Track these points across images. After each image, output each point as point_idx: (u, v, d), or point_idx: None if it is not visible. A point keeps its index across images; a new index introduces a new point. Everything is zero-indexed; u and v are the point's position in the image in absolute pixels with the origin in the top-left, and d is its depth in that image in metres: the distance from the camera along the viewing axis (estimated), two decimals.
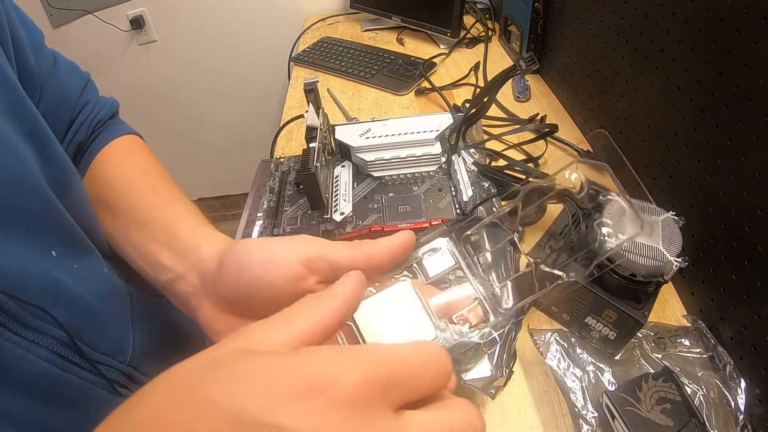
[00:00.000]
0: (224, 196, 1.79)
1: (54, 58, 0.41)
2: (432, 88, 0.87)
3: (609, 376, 0.44)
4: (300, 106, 0.90)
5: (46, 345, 0.28)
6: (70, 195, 0.35)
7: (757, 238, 0.40)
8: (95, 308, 0.33)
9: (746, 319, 0.42)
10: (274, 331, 0.19)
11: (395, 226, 0.42)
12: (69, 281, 0.31)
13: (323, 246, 0.28)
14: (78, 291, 0.32)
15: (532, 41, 0.87)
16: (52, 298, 0.29)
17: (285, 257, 0.27)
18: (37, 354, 0.28)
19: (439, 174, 0.57)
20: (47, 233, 0.31)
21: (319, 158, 0.49)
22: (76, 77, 0.43)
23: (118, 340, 0.35)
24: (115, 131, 0.45)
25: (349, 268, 0.26)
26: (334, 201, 0.54)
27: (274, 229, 0.51)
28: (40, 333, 0.28)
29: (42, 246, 0.30)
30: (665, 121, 0.52)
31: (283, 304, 0.23)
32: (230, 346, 0.19)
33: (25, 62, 0.36)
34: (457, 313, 0.28)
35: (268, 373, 0.16)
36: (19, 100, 0.31)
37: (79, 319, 0.31)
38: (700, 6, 0.44)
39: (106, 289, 0.36)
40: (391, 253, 0.27)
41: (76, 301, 0.31)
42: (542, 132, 0.71)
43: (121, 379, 0.34)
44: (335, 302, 0.22)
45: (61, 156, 0.35)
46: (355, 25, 1.21)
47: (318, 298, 0.22)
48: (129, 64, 1.37)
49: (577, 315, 0.46)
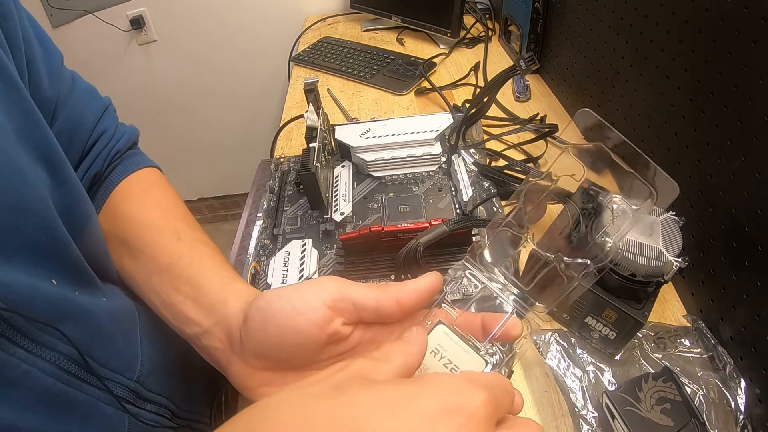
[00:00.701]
0: (224, 196, 1.79)
1: (72, 80, 0.40)
2: (432, 88, 0.87)
3: (609, 376, 0.44)
4: (300, 106, 0.90)
5: (52, 360, 0.28)
6: (81, 224, 0.34)
7: (757, 238, 0.40)
8: (105, 324, 0.33)
9: (746, 319, 0.42)
10: (380, 363, 0.22)
11: (395, 226, 0.42)
12: (78, 298, 0.31)
13: (347, 287, 0.28)
14: (88, 307, 0.31)
15: (532, 41, 0.87)
16: (61, 315, 0.28)
17: (310, 302, 0.27)
18: (43, 369, 0.27)
19: (439, 174, 0.57)
20: (49, 262, 0.30)
21: (319, 158, 0.49)
22: (95, 103, 0.42)
23: (127, 357, 0.35)
24: (133, 164, 0.43)
25: (375, 311, 0.27)
26: (334, 201, 0.54)
27: (274, 229, 0.51)
28: (49, 348, 0.28)
29: (43, 275, 0.29)
30: (665, 121, 0.52)
31: (312, 349, 0.26)
32: (342, 375, 0.21)
33: (40, 83, 0.35)
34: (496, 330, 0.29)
35: (401, 398, 0.19)
36: (34, 122, 0.31)
37: (89, 335, 0.31)
38: (700, 6, 0.44)
39: (115, 307, 0.36)
40: (417, 297, 0.28)
41: (86, 317, 0.31)
42: (542, 132, 0.71)
43: (128, 396, 0.34)
44: (417, 345, 0.24)
45: (75, 183, 0.34)
46: (355, 25, 1.21)
47: (404, 341, 0.24)
48: (129, 64, 1.37)
49: (577, 315, 0.46)
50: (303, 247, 0.48)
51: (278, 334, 0.28)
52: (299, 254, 0.47)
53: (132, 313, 0.38)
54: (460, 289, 0.43)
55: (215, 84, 1.47)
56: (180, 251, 0.36)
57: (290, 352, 0.28)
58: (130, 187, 0.41)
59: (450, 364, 0.26)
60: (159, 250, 0.37)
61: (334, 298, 0.27)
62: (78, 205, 0.34)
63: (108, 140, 0.41)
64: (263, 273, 0.46)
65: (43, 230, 0.29)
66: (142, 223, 0.38)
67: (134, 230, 0.38)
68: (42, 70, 0.35)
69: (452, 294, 0.43)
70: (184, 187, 1.71)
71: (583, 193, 0.53)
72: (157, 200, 0.41)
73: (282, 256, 0.47)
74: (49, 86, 0.36)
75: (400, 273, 0.40)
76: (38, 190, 0.29)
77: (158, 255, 0.36)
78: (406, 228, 0.41)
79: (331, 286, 0.28)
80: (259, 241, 0.51)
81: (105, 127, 0.42)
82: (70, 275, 0.32)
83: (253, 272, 0.47)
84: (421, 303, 0.28)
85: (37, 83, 0.35)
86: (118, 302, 0.36)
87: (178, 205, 0.42)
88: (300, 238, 0.49)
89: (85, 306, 0.31)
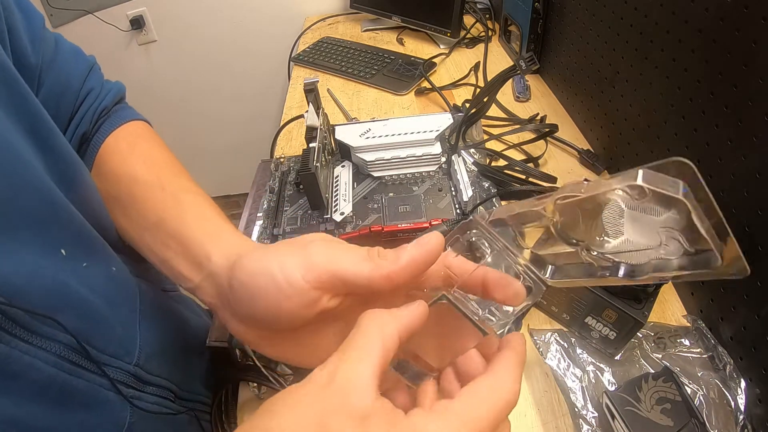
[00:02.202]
0: (224, 196, 1.79)
1: (55, 43, 0.39)
2: (432, 88, 0.87)
3: (609, 376, 0.44)
4: (300, 106, 0.90)
5: (53, 350, 0.28)
6: (77, 189, 0.34)
7: (757, 238, 0.40)
8: (103, 311, 0.33)
9: (746, 319, 0.42)
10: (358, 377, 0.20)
11: (395, 226, 0.42)
12: (77, 284, 0.31)
13: (336, 263, 0.26)
14: (86, 294, 0.31)
15: (532, 41, 0.87)
16: (59, 304, 0.29)
17: (295, 283, 0.26)
18: (45, 360, 0.27)
19: (439, 174, 0.57)
20: (56, 232, 0.30)
21: (319, 158, 0.49)
22: (80, 63, 0.41)
23: (125, 342, 0.35)
24: (119, 118, 0.42)
25: (367, 287, 0.25)
26: (334, 201, 0.54)
27: (274, 229, 0.51)
28: (47, 338, 0.28)
29: (51, 245, 0.30)
30: (665, 121, 0.52)
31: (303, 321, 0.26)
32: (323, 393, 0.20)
33: (23, 50, 0.34)
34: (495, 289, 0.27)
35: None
36: (19, 94, 0.30)
37: (87, 323, 0.31)
38: (700, 6, 0.44)
39: (115, 290, 0.36)
40: (412, 272, 0.25)
41: (84, 304, 0.31)
42: (542, 132, 0.71)
43: (127, 380, 0.34)
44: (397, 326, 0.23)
45: (64, 148, 0.34)
46: (355, 25, 1.21)
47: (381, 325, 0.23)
48: (129, 64, 1.37)
49: (577, 315, 0.46)
50: None
51: (265, 309, 0.27)
52: None
53: (133, 296, 0.38)
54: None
55: (215, 84, 1.47)
56: (164, 204, 0.36)
57: (280, 324, 0.27)
58: (117, 143, 0.41)
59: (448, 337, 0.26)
60: (147, 205, 0.36)
61: (321, 279, 0.26)
62: (71, 171, 0.34)
63: (94, 98, 0.41)
64: None
65: (43, 201, 0.29)
66: (130, 178, 0.38)
67: (123, 186, 0.38)
68: (24, 38, 0.34)
69: None
70: None
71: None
72: (142, 152, 0.40)
73: None
74: (33, 53, 0.35)
75: None
76: (31, 164, 0.29)
77: (147, 210, 0.36)
78: (406, 228, 0.41)
79: (317, 259, 0.26)
80: (259, 241, 0.51)
81: (91, 85, 0.41)
82: (78, 243, 0.32)
83: None
84: (416, 276, 0.25)
85: (20, 51, 0.34)
86: (118, 285, 0.36)
87: (164, 154, 0.41)
88: None
89: (82, 294, 0.31)
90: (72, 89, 0.39)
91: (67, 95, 0.39)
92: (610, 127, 0.66)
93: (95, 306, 0.32)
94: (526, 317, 0.49)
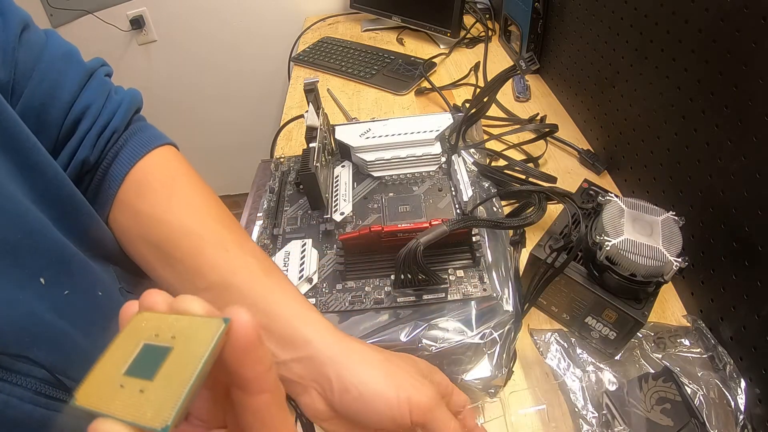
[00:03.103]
0: (224, 196, 1.79)
1: (44, 46, 0.34)
2: (432, 88, 0.87)
3: (609, 376, 0.44)
4: (300, 106, 0.90)
5: (28, 386, 0.27)
6: (61, 205, 0.32)
7: (757, 238, 0.40)
8: (80, 341, 0.31)
9: (746, 319, 0.42)
10: None
11: (395, 226, 0.42)
12: (53, 316, 0.29)
13: (433, 410, 0.29)
14: (62, 326, 0.29)
15: (532, 41, 0.87)
16: (32, 340, 0.27)
17: (403, 416, 0.29)
18: (20, 397, 0.26)
19: (439, 174, 0.57)
20: (34, 259, 0.28)
21: (319, 158, 0.49)
22: (72, 70, 0.35)
23: None
24: (140, 145, 0.37)
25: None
26: (334, 201, 0.54)
27: (274, 229, 0.51)
28: (22, 375, 0.26)
29: (29, 275, 0.28)
30: (665, 121, 0.52)
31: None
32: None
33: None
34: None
35: None
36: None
37: (63, 355, 0.29)
38: (700, 6, 0.44)
39: (97, 318, 0.33)
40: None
41: (59, 337, 0.29)
42: (542, 132, 0.71)
43: None
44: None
45: (45, 163, 0.31)
46: (355, 25, 1.21)
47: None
48: (129, 64, 1.37)
49: (577, 315, 0.46)
50: (303, 247, 0.48)
51: (365, 422, 0.30)
52: (299, 254, 0.47)
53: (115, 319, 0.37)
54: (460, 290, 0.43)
55: (215, 84, 1.47)
56: (231, 267, 0.33)
57: (369, 428, 0.30)
58: (146, 180, 0.36)
59: None
60: (204, 262, 0.33)
61: (416, 421, 0.29)
62: (53, 187, 0.31)
63: (95, 116, 0.35)
64: None
65: (16, 228, 0.27)
66: (177, 230, 0.34)
67: (167, 236, 0.34)
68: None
69: (453, 294, 0.43)
70: None
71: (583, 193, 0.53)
72: (186, 198, 0.36)
73: (282, 256, 0.47)
74: (1, 66, 0.30)
75: (400, 273, 0.40)
76: (5, 186, 0.27)
77: (205, 269, 0.33)
78: (406, 228, 0.41)
79: (420, 396, 0.29)
80: (259, 241, 0.51)
81: (90, 100, 0.35)
82: (59, 269, 0.30)
83: None
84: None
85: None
86: (105, 306, 0.34)
87: (210, 201, 0.37)
88: (300, 238, 0.49)
89: (59, 327, 0.29)
90: (60, 101, 0.33)
91: (52, 109, 0.33)
92: (610, 127, 0.66)
93: (71, 337, 0.30)
94: (526, 317, 0.49)
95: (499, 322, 0.41)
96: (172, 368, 0.16)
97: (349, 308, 0.43)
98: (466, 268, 0.45)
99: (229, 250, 0.34)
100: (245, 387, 0.16)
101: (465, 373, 0.40)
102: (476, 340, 0.40)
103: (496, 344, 0.40)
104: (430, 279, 0.41)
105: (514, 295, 0.43)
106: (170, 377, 0.15)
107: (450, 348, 0.39)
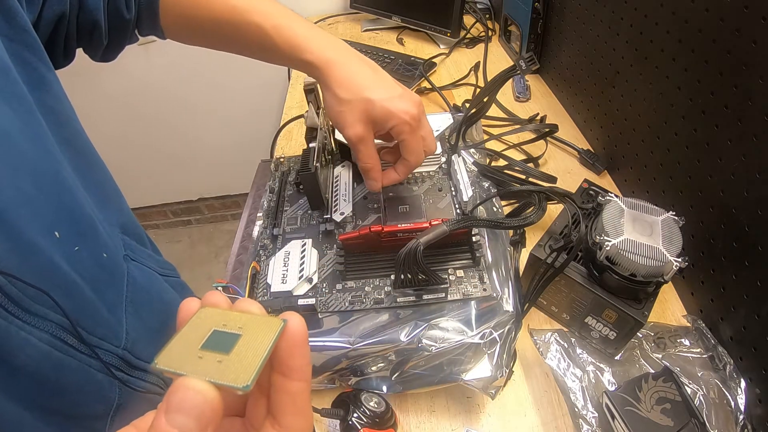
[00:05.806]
0: (224, 196, 1.78)
1: None
2: (432, 88, 0.87)
3: (609, 376, 0.44)
4: (300, 106, 0.90)
5: (46, 329, 0.29)
6: (85, 155, 0.35)
7: (757, 238, 0.40)
8: (88, 294, 0.34)
9: (746, 319, 0.42)
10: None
11: (395, 226, 0.42)
12: (66, 266, 0.31)
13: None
14: (73, 277, 0.32)
15: (532, 41, 0.87)
16: (50, 283, 0.29)
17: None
18: (39, 338, 0.28)
19: (439, 174, 0.57)
20: (52, 214, 0.31)
21: (319, 158, 0.49)
22: None
23: (112, 325, 0.36)
24: None
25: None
26: (334, 201, 0.54)
27: (274, 229, 0.51)
28: (40, 317, 0.29)
29: (46, 225, 0.30)
30: (665, 121, 0.52)
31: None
32: None
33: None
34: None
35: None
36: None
37: (76, 304, 0.32)
38: (700, 6, 0.44)
39: (103, 275, 0.36)
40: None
41: (72, 286, 0.32)
42: (542, 132, 0.71)
43: (116, 362, 0.35)
44: None
45: (72, 119, 0.35)
46: (355, 25, 1.21)
47: None
48: (129, 64, 1.37)
49: (577, 315, 0.46)
50: (303, 247, 0.48)
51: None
52: (299, 254, 0.47)
53: (120, 281, 0.39)
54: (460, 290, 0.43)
55: (215, 84, 1.47)
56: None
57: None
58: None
59: None
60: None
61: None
62: (71, 136, 0.36)
63: None
64: (263, 273, 0.46)
65: (42, 184, 0.30)
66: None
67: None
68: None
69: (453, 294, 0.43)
70: (185, 187, 1.71)
71: (583, 193, 0.53)
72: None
73: (282, 256, 0.47)
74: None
75: (400, 273, 0.40)
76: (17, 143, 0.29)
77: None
78: (406, 228, 0.41)
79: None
80: (259, 241, 0.51)
81: None
82: (72, 227, 0.33)
83: (253, 272, 0.47)
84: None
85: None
86: (105, 271, 0.37)
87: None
88: (300, 238, 0.49)
89: (71, 277, 0.32)
90: None
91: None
92: (610, 127, 0.66)
93: (81, 288, 0.33)
94: (526, 317, 0.49)
95: (499, 322, 0.41)
96: (244, 349, 0.18)
97: (349, 308, 0.43)
98: (466, 268, 0.45)
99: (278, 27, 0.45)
100: (288, 374, 0.19)
101: (465, 373, 0.40)
102: (476, 340, 0.40)
103: (496, 344, 0.40)
104: (430, 279, 0.41)
105: (514, 295, 0.43)
106: (244, 354, 0.18)
107: (450, 348, 0.39)
